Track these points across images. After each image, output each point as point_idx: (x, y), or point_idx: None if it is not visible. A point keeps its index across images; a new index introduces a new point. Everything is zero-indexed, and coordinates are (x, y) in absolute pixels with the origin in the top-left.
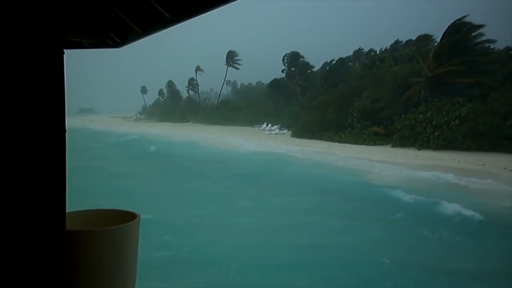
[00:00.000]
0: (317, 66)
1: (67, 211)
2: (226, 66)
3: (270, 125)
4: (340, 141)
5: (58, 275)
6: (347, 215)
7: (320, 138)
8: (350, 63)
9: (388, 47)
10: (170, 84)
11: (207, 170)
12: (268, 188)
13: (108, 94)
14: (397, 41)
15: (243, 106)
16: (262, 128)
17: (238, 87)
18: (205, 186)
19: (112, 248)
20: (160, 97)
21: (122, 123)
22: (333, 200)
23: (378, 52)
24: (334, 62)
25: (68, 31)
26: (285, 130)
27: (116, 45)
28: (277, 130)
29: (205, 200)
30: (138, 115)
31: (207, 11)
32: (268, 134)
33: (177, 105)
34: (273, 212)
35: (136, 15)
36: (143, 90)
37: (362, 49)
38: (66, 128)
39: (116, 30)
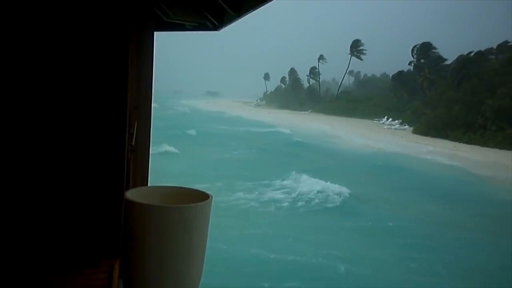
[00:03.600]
0: (450, 59)
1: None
2: (349, 55)
3: (390, 119)
4: (469, 142)
5: (113, 240)
6: None
7: (445, 137)
8: (491, 57)
9: None
10: (292, 72)
11: None
12: None
13: (232, 79)
14: None
15: (364, 98)
16: (381, 122)
17: (361, 78)
18: None
19: (180, 225)
20: (281, 84)
21: (246, 108)
22: None
23: None
24: (472, 55)
25: (170, 13)
26: (406, 126)
27: (215, 27)
28: (397, 125)
29: None
30: (258, 101)
31: None
32: (387, 129)
33: (297, 93)
34: None
35: None
36: (266, 76)
37: (509, 42)
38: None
39: (213, 13)
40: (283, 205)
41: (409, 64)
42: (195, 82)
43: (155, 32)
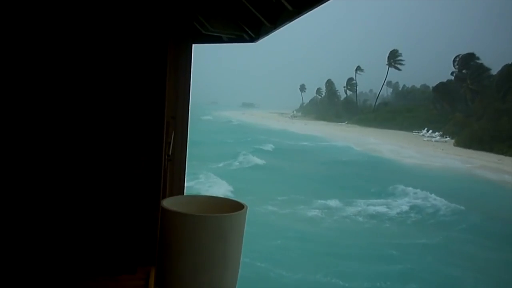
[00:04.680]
0: (494, 69)
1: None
2: (387, 66)
3: (431, 131)
4: None
5: (149, 247)
6: None
7: (490, 150)
8: None
9: None
10: (329, 83)
11: None
12: None
13: (267, 90)
14: None
15: (403, 110)
16: (421, 134)
17: (400, 89)
18: None
19: (215, 234)
20: (317, 96)
21: (282, 119)
22: None
23: None
24: None
25: (208, 26)
26: (448, 138)
27: (252, 39)
28: (438, 138)
29: None
30: (294, 112)
31: (326, 2)
32: (427, 141)
33: (333, 104)
34: None
35: (265, 10)
36: (302, 88)
37: None
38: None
39: (250, 25)
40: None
41: (451, 74)
42: (231, 93)
43: (193, 45)
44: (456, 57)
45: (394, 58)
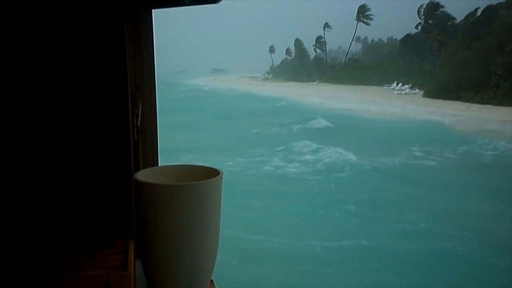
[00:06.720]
0: (459, 18)
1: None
2: (356, 21)
3: (400, 84)
4: (482, 102)
5: (125, 219)
6: None
7: (457, 98)
8: (501, 12)
9: None
10: (298, 42)
11: None
12: None
13: (236, 54)
14: None
15: (372, 65)
16: (391, 87)
17: (369, 44)
18: None
19: (192, 202)
20: (287, 56)
21: (253, 83)
22: None
23: None
24: (482, 11)
25: None
26: (417, 90)
27: (214, 0)
28: (407, 90)
29: None
30: (265, 74)
31: None
32: (397, 94)
33: (304, 64)
34: None
35: None
36: (271, 49)
37: None
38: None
39: None
40: None
41: (416, 27)
42: (200, 60)
43: (153, 10)
44: (420, 7)
45: (363, 13)
